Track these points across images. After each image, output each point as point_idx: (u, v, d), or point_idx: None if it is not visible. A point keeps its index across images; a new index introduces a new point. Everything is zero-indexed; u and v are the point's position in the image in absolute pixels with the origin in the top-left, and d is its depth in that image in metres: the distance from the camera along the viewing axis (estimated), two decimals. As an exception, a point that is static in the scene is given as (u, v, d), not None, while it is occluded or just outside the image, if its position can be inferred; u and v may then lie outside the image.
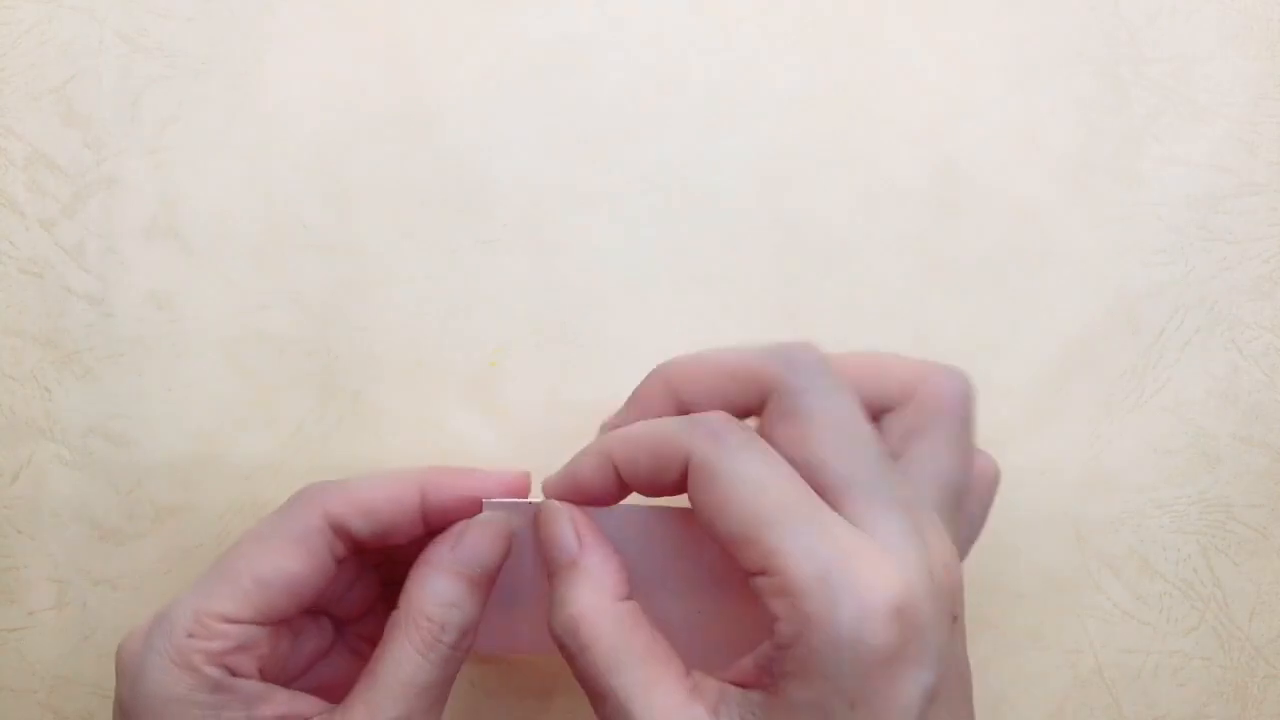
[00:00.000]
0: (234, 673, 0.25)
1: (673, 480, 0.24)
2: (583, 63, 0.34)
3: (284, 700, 0.26)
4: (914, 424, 0.26)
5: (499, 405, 0.33)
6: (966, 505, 0.26)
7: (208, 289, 0.33)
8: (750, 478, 0.23)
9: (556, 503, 0.26)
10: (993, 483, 0.28)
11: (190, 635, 0.25)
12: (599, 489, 0.26)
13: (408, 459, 0.33)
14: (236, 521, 0.33)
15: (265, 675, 0.26)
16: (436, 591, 0.26)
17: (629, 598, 0.25)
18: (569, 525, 0.26)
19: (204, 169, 0.34)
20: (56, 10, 0.34)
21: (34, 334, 0.33)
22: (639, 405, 0.27)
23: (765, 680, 0.22)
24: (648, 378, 0.27)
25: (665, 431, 0.24)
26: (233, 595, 0.25)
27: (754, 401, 0.25)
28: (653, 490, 0.25)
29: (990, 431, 0.33)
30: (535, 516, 0.27)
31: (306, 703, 0.26)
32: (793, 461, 0.23)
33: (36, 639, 0.32)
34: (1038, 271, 0.34)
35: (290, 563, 0.26)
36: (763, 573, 0.22)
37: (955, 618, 0.23)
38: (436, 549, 0.26)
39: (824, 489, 0.23)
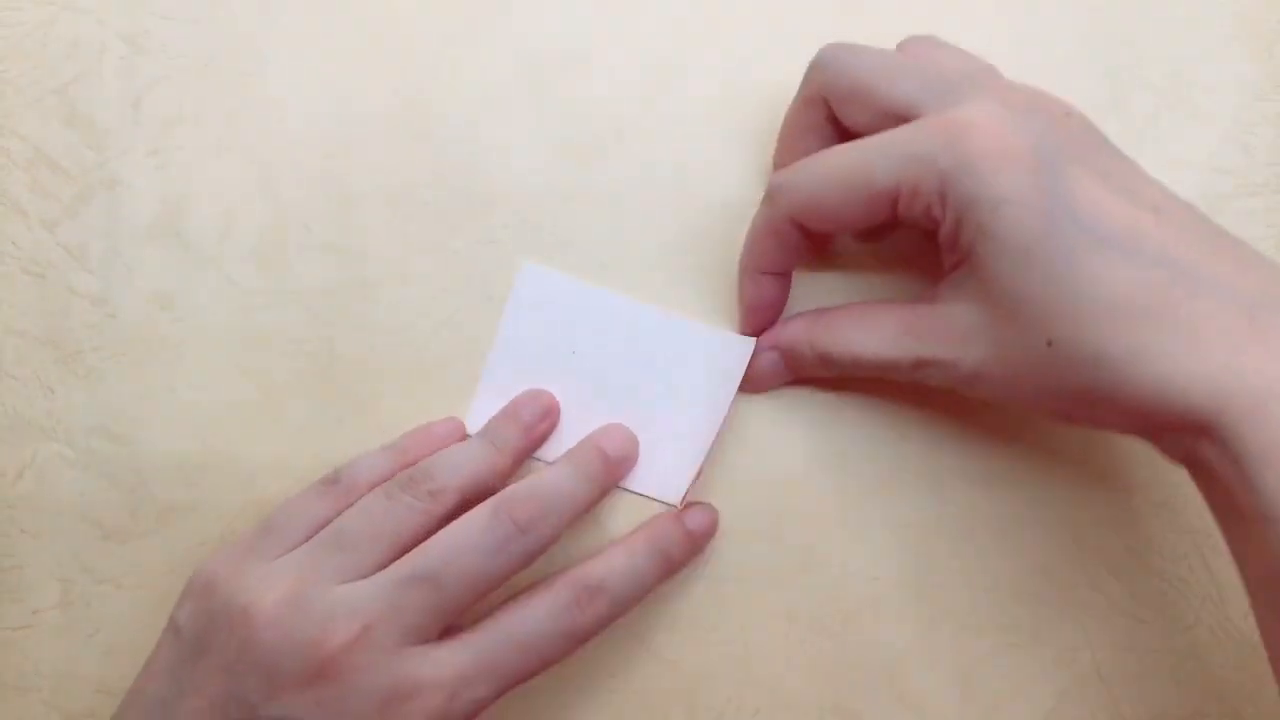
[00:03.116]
0: None
1: None
2: (582, 63, 0.34)
3: None
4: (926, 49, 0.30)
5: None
6: None
7: (210, 289, 0.33)
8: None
9: None
10: None
11: None
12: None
13: (409, 458, 0.33)
14: (239, 520, 0.33)
15: None
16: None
17: None
18: None
19: (206, 170, 0.34)
20: (59, 12, 0.34)
21: (37, 334, 0.33)
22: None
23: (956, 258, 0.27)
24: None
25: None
26: None
27: None
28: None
29: (989, 433, 0.33)
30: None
31: None
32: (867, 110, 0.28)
33: (40, 637, 0.33)
34: (1036, 272, 0.34)
35: None
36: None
37: (1067, 113, 0.27)
38: None
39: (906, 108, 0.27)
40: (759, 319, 0.32)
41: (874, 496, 0.33)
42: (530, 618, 0.28)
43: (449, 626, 0.28)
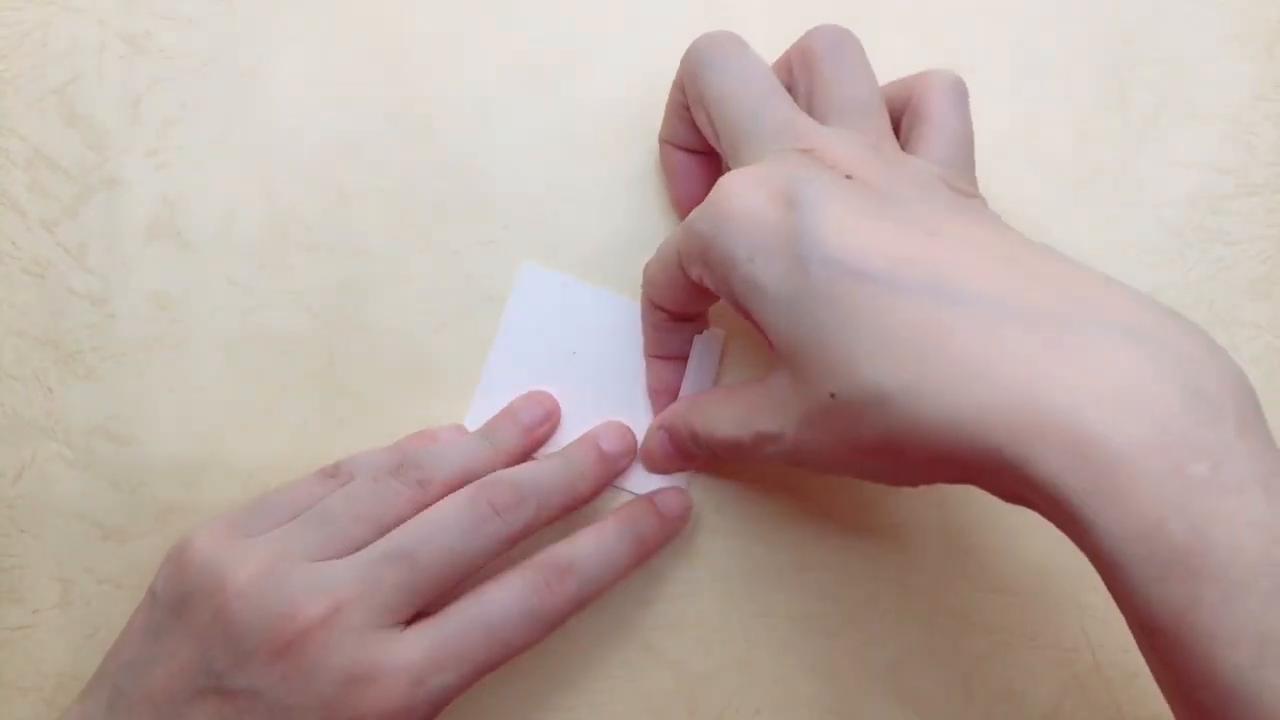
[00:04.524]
0: None
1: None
2: (582, 64, 0.34)
3: None
4: (809, 69, 0.28)
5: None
6: (915, 101, 0.29)
7: (209, 289, 0.33)
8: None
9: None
10: (947, 80, 0.29)
11: None
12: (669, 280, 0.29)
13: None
14: (238, 520, 0.33)
15: None
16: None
17: None
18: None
19: (205, 169, 0.34)
20: (59, 12, 0.34)
21: (36, 334, 0.33)
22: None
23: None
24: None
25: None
26: None
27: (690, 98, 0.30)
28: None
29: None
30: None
31: None
32: (711, 132, 0.29)
33: (41, 637, 0.33)
34: (1036, 272, 0.34)
35: None
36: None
37: (849, 175, 0.25)
38: None
39: (729, 148, 0.27)
40: (657, 403, 0.32)
41: (874, 497, 0.33)
42: (496, 600, 0.28)
43: (418, 613, 0.28)
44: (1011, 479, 0.21)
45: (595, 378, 0.33)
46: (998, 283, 0.22)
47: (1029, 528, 0.33)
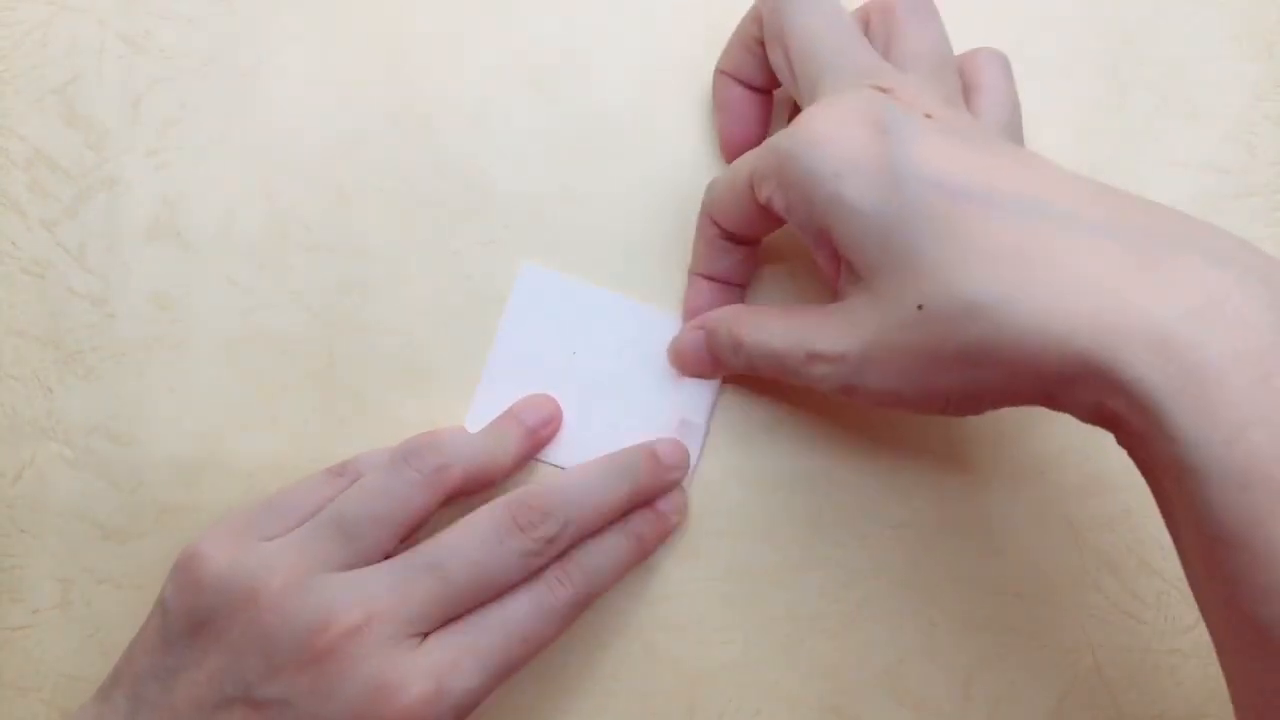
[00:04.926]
0: None
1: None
2: (582, 64, 0.34)
3: None
4: (888, 23, 0.29)
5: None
6: (966, 73, 0.29)
7: (209, 289, 0.33)
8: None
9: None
10: (997, 55, 0.30)
11: None
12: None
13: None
14: (238, 521, 0.33)
15: None
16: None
17: None
18: None
19: (205, 169, 0.34)
20: (58, 12, 0.34)
21: (36, 334, 0.33)
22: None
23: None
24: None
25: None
26: None
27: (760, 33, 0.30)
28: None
29: (989, 432, 0.33)
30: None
31: None
32: (784, 69, 0.29)
33: (41, 637, 0.33)
34: (1036, 272, 0.34)
35: None
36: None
37: (928, 115, 0.25)
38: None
39: (806, 84, 0.28)
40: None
41: (874, 497, 0.33)
42: (507, 599, 0.29)
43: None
44: (1095, 386, 0.22)
45: (595, 378, 0.33)
46: (1090, 207, 0.23)
47: (1030, 528, 0.33)
